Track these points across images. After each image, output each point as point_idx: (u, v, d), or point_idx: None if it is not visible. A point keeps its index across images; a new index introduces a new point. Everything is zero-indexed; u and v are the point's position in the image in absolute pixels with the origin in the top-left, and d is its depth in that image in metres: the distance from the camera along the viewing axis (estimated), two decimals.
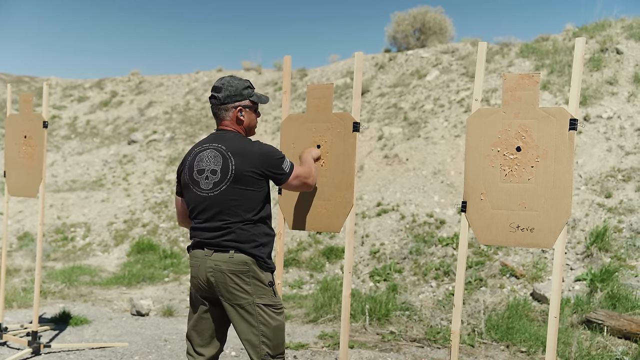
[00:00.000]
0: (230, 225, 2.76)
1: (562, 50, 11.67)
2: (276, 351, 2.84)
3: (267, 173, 2.81)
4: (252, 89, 2.98)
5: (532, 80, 2.84)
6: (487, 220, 2.93)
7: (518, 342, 5.09)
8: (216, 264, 2.75)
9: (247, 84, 2.95)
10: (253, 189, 2.77)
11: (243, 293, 2.76)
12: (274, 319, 2.82)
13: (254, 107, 2.99)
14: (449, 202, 8.41)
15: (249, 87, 2.97)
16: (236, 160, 2.75)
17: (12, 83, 19.15)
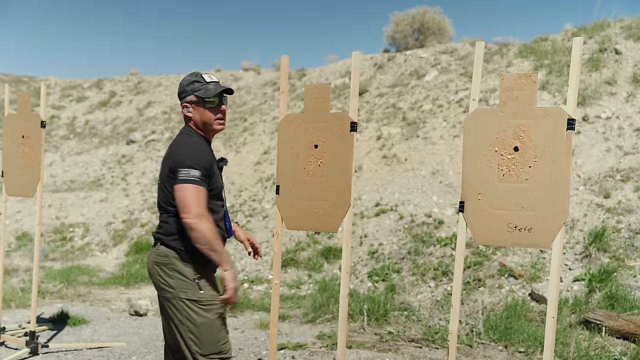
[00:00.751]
0: (161, 218, 2.86)
1: (560, 51, 11.68)
2: (207, 350, 2.76)
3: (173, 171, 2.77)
4: (200, 83, 2.85)
5: (530, 80, 2.83)
6: (484, 220, 2.93)
7: (516, 342, 5.08)
8: (150, 257, 2.86)
9: (193, 78, 2.86)
10: (170, 183, 2.76)
11: (167, 286, 2.76)
12: (200, 316, 2.73)
13: (202, 102, 2.83)
14: (447, 202, 8.41)
15: (196, 81, 2.85)
16: (165, 156, 2.86)
17: (11, 83, 19.14)
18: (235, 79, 17.81)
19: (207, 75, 2.88)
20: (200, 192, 2.67)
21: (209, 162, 2.75)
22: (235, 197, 10.73)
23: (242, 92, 16.47)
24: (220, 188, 2.90)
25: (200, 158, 2.72)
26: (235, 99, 15.97)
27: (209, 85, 2.84)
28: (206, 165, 2.73)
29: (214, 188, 2.81)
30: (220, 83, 2.95)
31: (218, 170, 2.88)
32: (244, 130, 13.68)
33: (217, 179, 2.83)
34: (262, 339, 5.47)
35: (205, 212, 2.67)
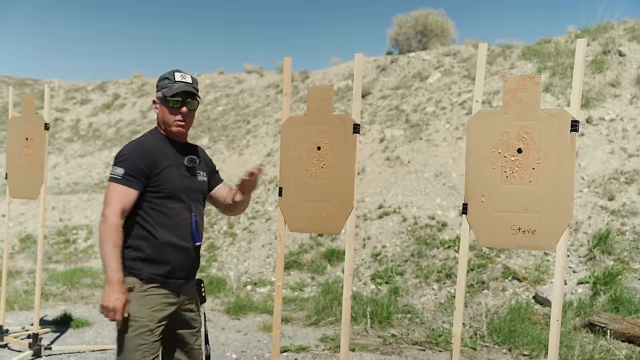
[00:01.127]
0: None
1: (564, 53, 11.66)
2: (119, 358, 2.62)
3: None
4: (168, 80, 2.71)
5: (533, 81, 2.82)
6: (488, 222, 2.91)
7: (520, 345, 5.06)
8: None
9: (166, 75, 2.74)
10: None
11: None
12: (122, 328, 2.58)
13: (164, 100, 2.69)
14: (450, 205, 8.39)
15: (166, 78, 2.73)
16: None
17: (15, 85, 19.19)
18: (238, 81, 17.83)
19: (179, 75, 2.73)
20: (117, 190, 2.54)
21: (146, 161, 2.58)
22: None
23: (245, 94, 16.49)
24: (177, 190, 2.65)
25: (131, 156, 2.59)
26: (239, 101, 15.98)
27: (175, 84, 2.69)
28: (138, 164, 2.56)
29: (164, 189, 2.61)
30: (192, 86, 2.76)
31: (178, 170, 2.68)
32: (247, 132, 13.69)
33: (169, 180, 2.63)
34: (265, 341, 5.46)
35: (114, 212, 2.51)
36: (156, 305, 2.60)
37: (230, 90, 17.24)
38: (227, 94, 16.90)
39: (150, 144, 2.67)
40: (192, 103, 2.75)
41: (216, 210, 3.19)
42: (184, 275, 2.71)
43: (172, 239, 2.62)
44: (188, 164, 2.73)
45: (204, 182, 2.87)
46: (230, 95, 16.73)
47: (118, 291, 2.47)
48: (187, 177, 2.72)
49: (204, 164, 2.90)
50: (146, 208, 2.61)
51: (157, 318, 2.60)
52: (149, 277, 2.59)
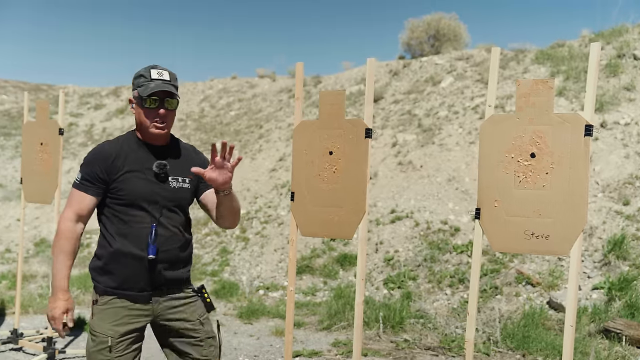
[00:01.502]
0: None
1: (578, 57, 11.58)
2: None
3: None
4: (144, 78, 2.48)
5: (547, 85, 2.81)
6: (501, 227, 2.90)
7: (534, 351, 5.03)
8: None
9: (141, 72, 2.51)
10: None
11: None
12: (88, 342, 2.48)
13: (140, 100, 2.47)
14: (463, 209, 8.36)
15: (142, 76, 2.49)
16: None
17: (30, 91, 19.38)
18: (251, 86, 17.89)
19: (156, 71, 2.48)
20: (73, 195, 2.45)
21: (104, 166, 2.42)
22: (250, 203, 10.75)
23: (258, 99, 16.54)
24: (137, 197, 2.44)
25: (90, 160, 2.46)
26: (251, 106, 16.03)
27: (151, 83, 2.45)
28: (95, 169, 2.42)
29: (122, 196, 2.43)
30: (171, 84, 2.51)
31: (143, 175, 2.46)
32: (259, 137, 13.72)
33: (128, 186, 2.43)
34: (278, 346, 5.46)
35: (66, 217, 2.42)
36: (119, 319, 2.44)
37: (243, 95, 17.30)
38: (239, 99, 16.96)
39: (113, 147, 2.48)
40: (171, 102, 2.50)
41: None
42: (146, 287, 2.47)
43: (125, 248, 2.42)
44: (156, 170, 2.48)
45: (181, 189, 2.57)
46: (243, 100, 16.79)
47: (59, 299, 2.37)
48: (154, 183, 2.48)
49: (188, 168, 2.53)
50: (108, 214, 2.48)
51: (119, 332, 2.42)
52: (104, 289, 2.46)
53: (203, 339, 2.63)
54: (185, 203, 2.62)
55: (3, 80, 21.57)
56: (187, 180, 2.59)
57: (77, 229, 2.44)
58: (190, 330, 2.60)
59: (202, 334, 2.63)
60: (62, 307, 2.37)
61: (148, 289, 2.47)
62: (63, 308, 2.37)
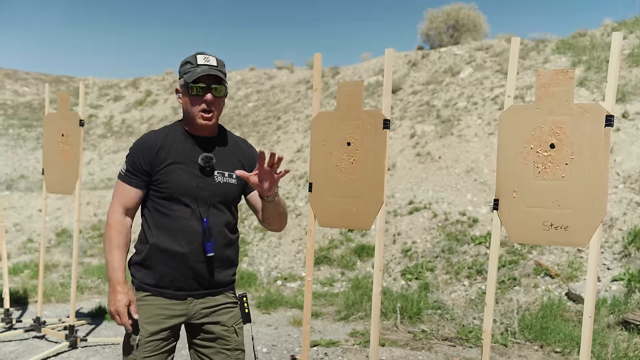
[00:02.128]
0: None
1: (599, 46, 11.44)
2: None
3: None
4: (190, 65, 2.35)
5: (567, 76, 2.78)
6: (519, 218, 2.89)
7: (552, 342, 5.01)
8: None
9: (188, 59, 2.39)
10: None
11: None
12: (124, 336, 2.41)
13: (186, 87, 2.35)
14: (482, 201, 8.32)
15: (188, 62, 2.37)
16: None
17: (51, 83, 19.59)
18: (269, 77, 17.90)
19: (202, 57, 2.36)
20: (118, 187, 2.39)
21: (148, 157, 2.33)
22: None
23: (276, 90, 16.55)
24: (179, 190, 2.32)
25: (134, 151, 2.37)
26: (269, 98, 16.05)
27: (198, 68, 2.32)
28: (139, 160, 2.33)
29: (163, 189, 2.33)
30: (218, 69, 2.37)
31: (187, 168, 2.35)
32: (277, 128, 13.75)
33: (171, 179, 2.32)
34: (295, 335, 5.50)
35: (114, 210, 2.36)
36: (151, 317, 2.34)
37: (261, 86, 17.33)
38: (257, 90, 16.99)
39: (158, 138, 2.37)
40: (219, 89, 2.36)
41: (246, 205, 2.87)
42: (184, 287, 2.36)
43: (164, 244, 2.32)
44: (201, 163, 2.36)
45: (228, 185, 2.42)
46: (261, 92, 16.82)
47: (119, 292, 2.27)
48: (198, 177, 2.35)
49: (237, 162, 2.47)
50: (150, 208, 2.39)
51: (149, 331, 2.32)
52: (139, 284, 2.38)
53: (232, 348, 2.48)
54: (232, 199, 2.46)
55: (24, 73, 21.83)
56: (234, 176, 2.43)
57: (126, 222, 2.37)
58: (222, 337, 2.45)
59: (233, 343, 2.48)
60: (124, 300, 2.26)
61: (185, 287, 2.36)
62: (125, 301, 2.27)
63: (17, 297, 6.58)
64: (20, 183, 13.39)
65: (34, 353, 4.75)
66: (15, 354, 4.75)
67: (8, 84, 20.19)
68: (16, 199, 12.63)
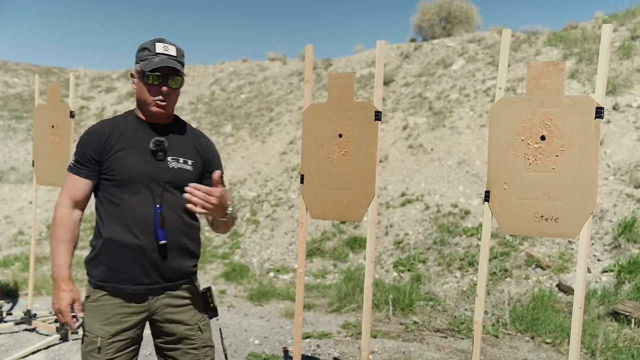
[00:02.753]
0: None
1: (591, 39, 11.46)
2: None
3: None
4: (148, 52, 2.26)
5: (558, 68, 2.79)
6: (510, 210, 2.90)
7: (543, 333, 5.04)
8: None
9: (145, 45, 2.29)
10: None
11: None
12: (82, 340, 2.29)
13: (142, 75, 2.25)
14: (474, 192, 8.34)
15: (146, 49, 2.27)
16: None
17: (41, 74, 19.46)
18: (262, 69, 17.85)
19: (161, 45, 2.27)
20: (67, 179, 2.29)
21: (96, 145, 2.23)
22: (261, 186, 10.78)
23: (269, 82, 16.51)
24: (130, 176, 2.23)
25: (83, 141, 2.27)
26: (262, 89, 16.01)
27: (155, 57, 2.24)
28: (87, 149, 2.24)
29: (114, 176, 2.23)
30: (177, 60, 2.30)
31: (138, 154, 2.25)
32: (270, 120, 13.72)
33: (120, 165, 2.23)
34: (288, 327, 5.51)
35: (61, 203, 2.26)
36: (110, 317, 2.23)
37: (254, 78, 17.28)
38: (250, 82, 16.94)
39: (107, 126, 2.29)
40: (176, 80, 2.28)
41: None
42: (142, 279, 2.24)
43: (118, 236, 2.21)
44: (152, 147, 2.25)
45: (182, 170, 2.31)
46: (254, 83, 16.77)
47: (62, 290, 2.18)
48: (150, 162, 2.25)
49: (192, 150, 2.38)
50: (102, 198, 2.27)
51: (109, 332, 2.21)
52: (96, 282, 2.26)
53: (199, 347, 2.38)
54: (186, 185, 2.24)
55: (14, 64, 21.66)
56: (189, 162, 2.34)
57: (74, 216, 2.26)
58: (187, 337, 2.36)
59: (199, 341, 2.38)
60: (68, 299, 2.18)
61: (144, 280, 2.24)
62: (69, 299, 2.18)
63: (8, 289, 6.55)
64: (10, 175, 13.32)
65: (24, 346, 4.73)
66: (5, 347, 4.73)
67: None
68: (6, 191, 12.56)
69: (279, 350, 4.82)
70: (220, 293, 6.93)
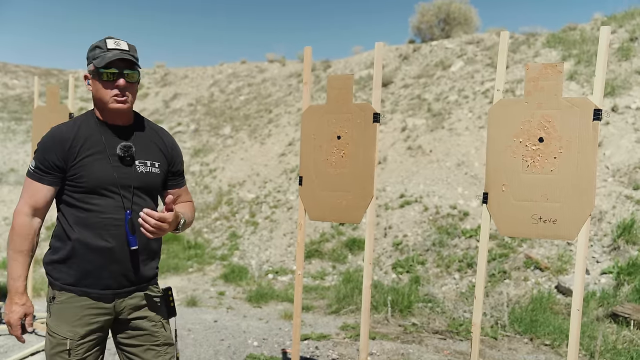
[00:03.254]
0: None
1: (589, 40, 11.47)
2: None
3: None
4: (100, 49, 2.19)
5: (556, 70, 2.79)
6: (508, 211, 2.91)
7: (542, 335, 5.04)
8: None
9: (96, 44, 2.23)
10: None
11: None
12: (46, 344, 2.28)
13: (97, 73, 2.18)
14: (472, 194, 8.35)
15: (97, 47, 2.21)
16: None
17: (41, 76, 19.45)
18: (261, 71, 17.85)
19: (112, 41, 2.21)
20: (27, 186, 2.22)
21: (59, 152, 2.16)
22: (260, 188, 10.78)
23: (267, 83, 16.51)
24: (100, 182, 2.18)
25: (43, 146, 2.20)
26: (261, 91, 16.01)
27: (108, 53, 2.17)
28: (50, 156, 2.17)
29: (82, 183, 2.17)
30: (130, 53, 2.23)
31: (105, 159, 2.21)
32: (269, 121, 13.72)
33: (89, 171, 2.17)
34: (287, 329, 5.50)
35: (21, 211, 2.20)
36: (78, 319, 2.21)
37: (253, 79, 17.28)
38: (249, 84, 16.95)
39: (69, 130, 2.20)
40: (132, 75, 2.22)
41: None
42: (110, 283, 2.23)
43: (88, 240, 2.17)
44: (120, 153, 2.22)
45: (150, 174, 2.31)
46: (253, 85, 16.78)
47: (15, 303, 2.18)
48: (118, 167, 2.22)
49: (157, 152, 2.37)
50: (67, 204, 2.22)
51: (78, 334, 2.21)
52: (61, 285, 2.23)
53: (161, 344, 2.39)
54: (155, 189, 2.36)
55: (14, 65, 21.65)
56: (155, 165, 2.33)
57: (33, 224, 2.21)
58: (150, 332, 2.36)
59: (162, 338, 2.39)
60: (19, 312, 2.18)
61: (113, 285, 2.23)
62: (20, 313, 2.18)
63: (6, 291, 6.54)
64: (9, 177, 13.31)
65: (23, 347, 4.73)
66: (4, 349, 4.73)
67: None
68: (5, 192, 12.55)
69: (277, 352, 4.81)
70: (219, 294, 6.93)
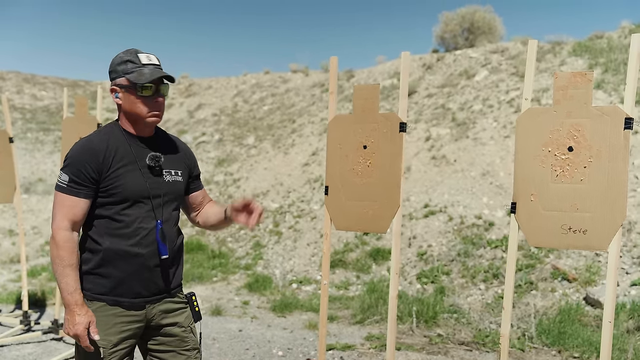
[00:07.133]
0: None
1: (617, 48, 11.34)
2: None
3: None
4: (134, 64, 2.26)
5: (585, 78, 2.76)
6: (537, 221, 2.87)
7: (570, 347, 4.96)
8: None
9: (127, 57, 2.28)
10: None
11: None
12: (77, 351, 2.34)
13: (133, 88, 2.24)
14: (498, 204, 8.27)
15: (130, 61, 2.27)
16: None
17: (68, 87, 19.77)
18: (284, 81, 17.94)
19: (144, 56, 2.29)
20: (63, 201, 2.21)
21: (94, 164, 2.20)
22: (283, 198, 10.81)
23: (291, 93, 16.58)
24: (133, 193, 2.25)
25: (76, 159, 2.21)
26: (284, 101, 16.09)
27: (145, 68, 2.26)
28: (84, 168, 2.19)
29: (116, 194, 2.23)
30: (161, 68, 2.33)
31: (137, 170, 2.28)
32: (292, 131, 13.77)
33: (123, 182, 2.23)
34: (311, 339, 5.49)
35: (61, 227, 2.19)
36: (110, 327, 2.25)
37: (276, 89, 17.37)
38: (272, 94, 17.04)
39: (101, 142, 2.25)
40: (165, 88, 2.32)
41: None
42: (142, 291, 2.29)
43: (119, 248, 2.23)
44: (150, 163, 2.30)
45: (177, 182, 2.41)
46: (276, 95, 16.86)
47: (77, 314, 2.18)
48: (149, 177, 2.30)
49: (180, 160, 2.47)
50: (97, 216, 2.26)
51: (112, 342, 2.24)
52: (92, 295, 2.26)
53: (191, 348, 2.45)
54: (180, 196, 2.46)
55: (42, 77, 22.06)
56: (179, 173, 2.43)
57: (74, 238, 2.22)
58: (180, 337, 2.42)
59: (191, 343, 2.46)
60: (84, 323, 2.18)
61: (144, 293, 2.30)
62: (85, 323, 2.18)
63: (35, 299, 6.63)
64: (38, 186, 13.52)
65: (52, 355, 4.79)
66: (33, 356, 4.79)
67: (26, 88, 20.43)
68: (34, 202, 12.75)
69: None
70: (244, 304, 6.94)
